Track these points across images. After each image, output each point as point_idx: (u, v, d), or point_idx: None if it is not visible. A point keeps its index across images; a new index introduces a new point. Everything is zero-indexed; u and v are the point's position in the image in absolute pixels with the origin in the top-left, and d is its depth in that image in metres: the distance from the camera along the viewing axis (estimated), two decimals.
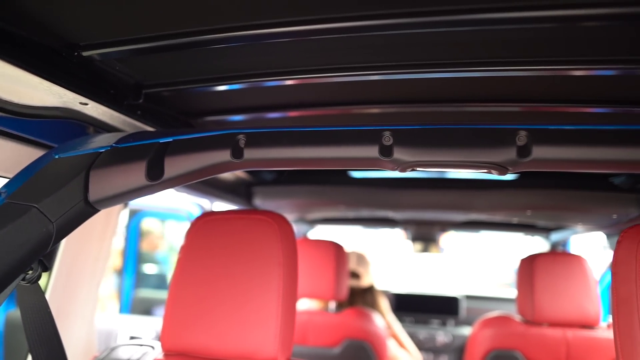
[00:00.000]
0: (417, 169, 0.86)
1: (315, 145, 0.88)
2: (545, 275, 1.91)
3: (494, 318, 2.08)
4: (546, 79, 1.01)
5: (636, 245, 0.89)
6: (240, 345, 1.03)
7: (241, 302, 1.04)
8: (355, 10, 0.77)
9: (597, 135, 0.81)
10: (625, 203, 1.71)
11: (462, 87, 1.09)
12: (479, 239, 4.45)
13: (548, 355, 1.91)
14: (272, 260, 1.06)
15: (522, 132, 0.81)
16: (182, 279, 1.10)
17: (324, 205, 2.28)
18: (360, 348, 2.08)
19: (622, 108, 1.12)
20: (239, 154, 0.91)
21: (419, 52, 0.93)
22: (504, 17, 0.75)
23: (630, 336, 0.86)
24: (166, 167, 0.92)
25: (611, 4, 0.71)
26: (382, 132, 0.85)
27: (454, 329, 3.43)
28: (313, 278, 2.15)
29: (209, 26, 0.84)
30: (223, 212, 1.15)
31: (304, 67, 1.02)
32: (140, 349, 1.12)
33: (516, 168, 0.83)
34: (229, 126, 1.30)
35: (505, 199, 1.85)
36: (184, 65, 1.05)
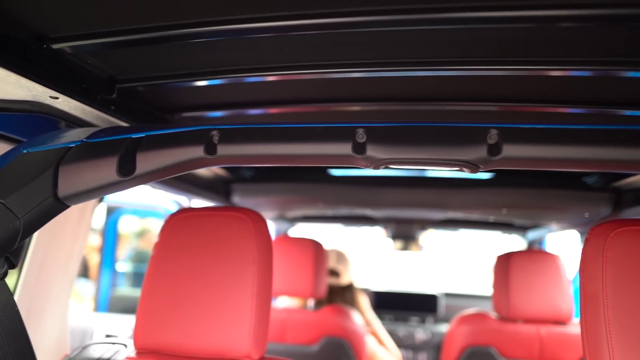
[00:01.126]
0: (390, 166, 0.87)
1: (289, 141, 0.88)
2: (520, 273, 1.95)
3: (470, 315, 2.11)
4: (522, 79, 1.03)
5: (603, 242, 0.91)
6: (214, 343, 1.02)
7: (215, 299, 1.04)
8: (333, 7, 0.77)
9: (566, 135, 0.83)
10: (597, 202, 1.75)
11: (439, 86, 1.10)
12: (458, 237, 4.50)
13: (522, 351, 1.94)
14: (246, 257, 1.05)
15: (493, 131, 0.83)
16: (155, 277, 1.09)
17: (303, 203, 2.28)
18: (339, 345, 2.09)
19: (596, 109, 1.14)
20: (212, 150, 0.90)
21: (396, 50, 0.93)
22: (480, 17, 0.76)
23: (596, 331, 0.88)
24: (138, 162, 0.91)
25: (588, 6, 0.72)
26: (355, 130, 0.86)
27: (432, 326, 3.47)
28: (291, 276, 2.15)
29: (187, 20, 0.83)
30: (197, 209, 1.14)
31: (283, 64, 1.02)
32: (113, 347, 1.11)
33: (487, 166, 0.85)
34: (206, 122, 1.29)
35: (481, 197, 1.88)
36: (160, 60, 1.04)
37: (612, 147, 0.81)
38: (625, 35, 0.82)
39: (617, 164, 0.82)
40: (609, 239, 0.90)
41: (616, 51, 0.88)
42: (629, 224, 0.92)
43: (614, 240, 0.90)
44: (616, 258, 0.89)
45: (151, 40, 0.88)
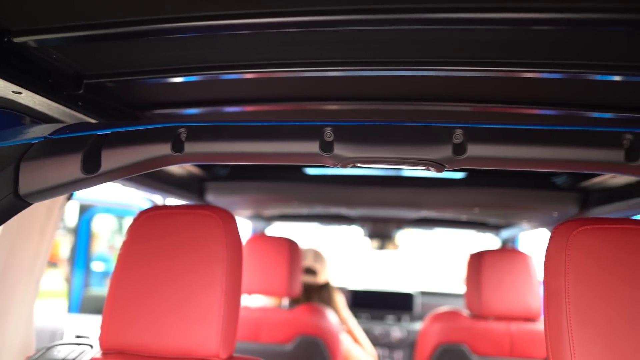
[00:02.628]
0: (358, 165, 0.87)
1: (257, 140, 0.88)
2: (491, 271, 1.98)
3: (443, 313, 2.14)
4: (493, 80, 1.04)
5: (566, 241, 0.93)
6: (181, 342, 1.01)
7: (183, 299, 1.03)
8: (308, 5, 0.77)
9: (530, 135, 0.84)
10: (565, 201, 1.79)
11: (412, 86, 1.11)
12: (436, 236, 4.55)
13: (493, 348, 1.98)
14: (215, 255, 1.04)
15: (459, 130, 0.84)
16: (122, 276, 1.07)
17: (278, 202, 2.28)
18: (313, 344, 2.09)
19: (566, 110, 1.16)
20: (179, 147, 0.90)
21: (369, 50, 0.94)
22: (451, 18, 0.77)
23: (558, 328, 0.90)
24: (103, 160, 0.90)
25: (559, 10, 0.73)
26: (323, 128, 0.86)
27: (408, 324, 3.50)
28: (266, 274, 2.14)
29: (157, 15, 0.82)
30: (167, 207, 1.12)
31: (259, 61, 1.01)
32: (78, 348, 1.09)
33: (452, 165, 0.86)
34: (178, 120, 1.27)
35: (454, 196, 1.91)
36: (131, 56, 1.02)
37: (574, 147, 0.83)
38: (594, 39, 0.84)
39: (579, 164, 0.84)
40: (571, 238, 0.92)
41: (585, 55, 0.90)
42: (591, 222, 0.94)
43: (576, 238, 0.92)
44: (578, 256, 0.91)
45: (121, 35, 0.87)
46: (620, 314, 0.87)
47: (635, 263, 0.89)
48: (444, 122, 0.85)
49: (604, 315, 0.87)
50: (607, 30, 0.79)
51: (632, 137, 0.81)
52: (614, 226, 0.93)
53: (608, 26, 0.76)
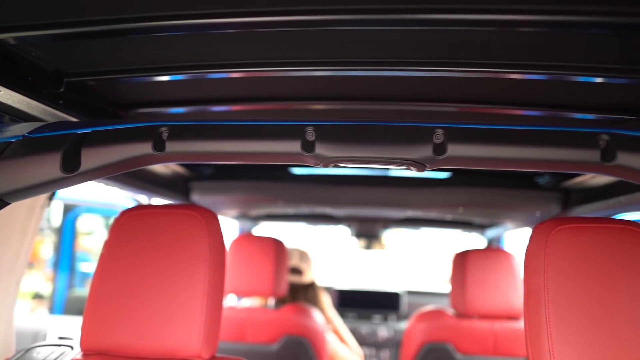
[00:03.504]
0: (339, 164, 0.88)
1: (238, 139, 0.88)
2: (475, 271, 2.00)
3: (428, 312, 2.15)
4: (476, 81, 1.05)
5: (545, 239, 0.94)
6: (163, 343, 1.01)
7: (165, 299, 1.02)
8: (292, 5, 0.77)
9: (509, 135, 0.85)
10: (548, 201, 1.82)
11: (396, 86, 1.12)
12: (422, 236, 4.57)
13: (477, 346, 1.99)
14: (198, 255, 1.04)
15: (439, 130, 0.84)
16: (104, 276, 1.06)
17: (263, 201, 2.27)
18: (299, 344, 2.09)
19: (550, 111, 1.18)
20: (161, 146, 0.89)
21: (357, 49, 0.94)
22: (436, 19, 0.77)
23: (537, 325, 0.91)
24: (83, 159, 0.89)
25: (545, 12, 0.74)
26: (305, 128, 0.86)
27: (395, 323, 3.52)
28: (252, 274, 2.13)
29: (142, 13, 0.81)
30: (149, 207, 1.12)
31: (243, 61, 1.01)
32: (58, 349, 1.07)
33: (433, 165, 0.86)
34: (161, 119, 1.26)
35: (439, 196, 1.92)
36: (114, 54, 1.01)
37: (551, 147, 0.84)
38: (577, 41, 0.85)
39: (556, 164, 0.86)
40: (550, 236, 0.94)
41: (568, 56, 0.91)
42: (570, 221, 0.96)
43: (555, 237, 0.94)
44: (557, 255, 0.92)
45: (104, 33, 0.86)
46: (597, 311, 0.88)
47: (613, 261, 0.91)
48: (425, 122, 0.85)
49: (582, 313, 0.89)
50: (589, 33, 0.80)
51: (608, 138, 0.82)
52: (592, 225, 0.94)
53: (589, 29, 0.77)
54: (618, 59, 0.90)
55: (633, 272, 0.90)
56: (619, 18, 0.72)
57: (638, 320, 0.87)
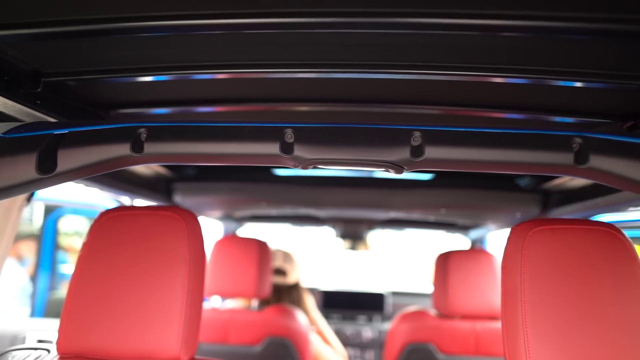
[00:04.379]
0: (318, 166, 0.88)
1: (217, 140, 0.88)
2: (457, 272, 2.02)
3: (411, 313, 2.17)
4: (458, 84, 1.06)
5: (522, 240, 0.95)
6: (141, 345, 1.00)
7: (144, 300, 1.01)
8: (273, 7, 0.77)
9: (485, 138, 0.87)
10: (527, 203, 1.85)
11: (378, 88, 1.12)
12: (407, 237, 4.60)
13: (459, 347, 2.01)
14: (177, 257, 1.03)
15: (417, 133, 0.85)
16: (82, 278, 1.05)
17: (247, 203, 2.27)
18: (282, 345, 2.09)
19: (531, 115, 1.19)
20: (139, 147, 0.89)
21: (337, 52, 0.94)
22: (418, 23, 0.77)
23: (514, 325, 0.93)
24: (60, 160, 0.88)
25: (526, 17, 0.75)
26: (284, 130, 0.86)
27: (380, 324, 3.53)
28: (235, 276, 2.13)
29: (123, 14, 0.80)
30: (128, 208, 1.11)
31: (226, 62, 1.01)
32: (35, 352, 1.06)
33: (411, 167, 0.87)
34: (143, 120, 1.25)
35: (421, 197, 1.94)
36: (95, 54, 1.00)
37: (526, 150, 0.86)
38: (558, 46, 0.86)
39: (531, 166, 0.87)
40: (527, 238, 0.95)
41: (549, 61, 0.92)
42: (547, 223, 0.97)
43: (532, 238, 0.95)
44: (533, 255, 0.94)
45: (84, 33, 0.85)
46: (572, 311, 0.90)
47: (588, 262, 0.92)
48: (403, 125, 0.86)
49: (558, 313, 0.90)
50: (569, 39, 0.82)
51: (581, 141, 0.84)
52: (568, 227, 0.96)
53: (569, 34, 0.78)
54: (596, 64, 0.91)
55: (607, 272, 0.91)
56: (597, 24, 0.73)
57: (611, 320, 0.89)
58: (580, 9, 0.72)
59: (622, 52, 0.85)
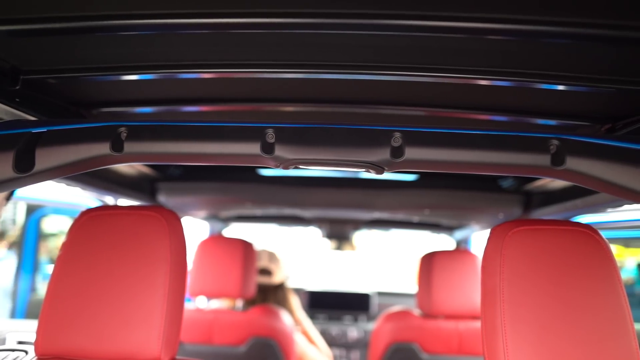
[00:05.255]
0: (299, 166, 0.88)
1: (197, 140, 0.87)
2: (441, 272, 2.03)
3: (395, 313, 2.18)
4: (442, 86, 1.06)
5: (502, 241, 0.97)
6: (121, 346, 0.99)
7: (124, 301, 1.01)
8: (252, 7, 0.77)
9: (465, 139, 0.87)
10: (510, 203, 1.87)
11: (360, 89, 1.13)
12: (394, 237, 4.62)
13: (442, 346, 2.03)
14: (158, 257, 1.03)
15: (397, 134, 0.86)
16: (61, 278, 1.04)
17: (231, 203, 2.26)
18: (267, 345, 2.09)
19: (514, 117, 1.21)
20: (119, 147, 0.88)
21: (321, 52, 0.94)
22: (400, 25, 0.77)
23: (492, 324, 0.94)
24: (37, 158, 0.87)
25: (510, 21, 0.75)
26: (265, 130, 0.86)
27: (365, 324, 3.54)
28: (220, 276, 2.12)
29: (104, 12, 0.79)
30: (109, 207, 1.10)
31: (210, 62, 1.00)
32: (12, 354, 1.04)
33: (391, 167, 0.88)
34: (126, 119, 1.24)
35: (405, 198, 1.95)
36: (76, 52, 0.99)
37: (505, 152, 0.87)
38: (542, 50, 0.87)
39: (509, 167, 0.88)
40: (506, 238, 0.96)
41: (533, 64, 0.93)
42: (526, 224, 0.99)
43: (511, 239, 0.96)
44: (512, 256, 0.95)
45: (64, 30, 0.84)
46: (550, 310, 0.91)
47: (565, 262, 0.94)
48: (384, 126, 0.87)
49: (535, 312, 0.91)
50: (553, 42, 0.83)
51: (558, 143, 0.85)
52: (547, 227, 0.97)
53: (553, 38, 0.79)
54: (578, 67, 0.93)
55: (584, 272, 0.93)
56: (579, 29, 0.74)
57: (588, 319, 0.90)
58: (563, 14, 0.73)
59: (603, 56, 0.87)
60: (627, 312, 0.90)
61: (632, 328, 0.90)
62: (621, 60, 0.86)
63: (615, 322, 0.89)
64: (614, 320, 0.90)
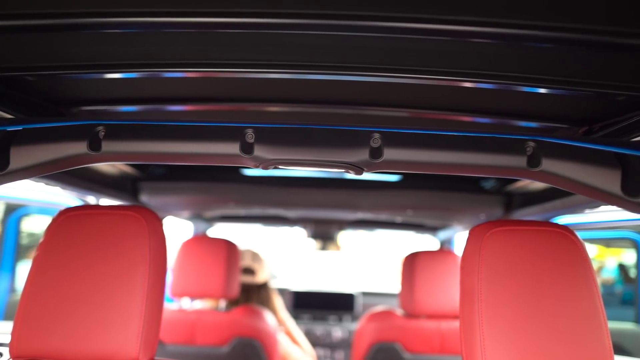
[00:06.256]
0: (278, 167, 0.88)
1: (176, 140, 0.87)
2: (423, 272, 2.05)
3: (378, 313, 2.19)
4: (423, 87, 1.07)
5: (480, 241, 0.98)
6: (99, 347, 0.98)
7: (102, 301, 0.99)
8: (235, 7, 0.77)
9: (443, 141, 0.88)
10: (492, 204, 1.89)
11: (340, 90, 1.13)
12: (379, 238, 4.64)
13: (424, 346, 2.04)
14: (138, 257, 1.02)
15: (376, 135, 0.86)
16: (38, 278, 1.02)
17: (215, 203, 2.25)
18: (250, 346, 2.08)
19: (495, 119, 1.22)
20: (97, 146, 0.87)
21: (302, 53, 0.93)
22: (382, 26, 0.78)
23: (470, 324, 0.95)
24: (12, 157, 0.86)
25: (495, 24, 0.76)
26: (244, 130, 0.86)
27: (350, 324, 3.55)
28: (203, 276, 2.11)
29: (86, 9, 0.78)
30: (88, 207, 1.09)
31: (191, 61, 0.99)
32: None
33: (370, 168, 0.88)
34: (106, 117, 1.23)
35: (388, 198, 1.96)
36: (55, 49, 0.97)
37: (482, 153, 0.88)
38: (525, 53, 0.88)
39: (487, 169, 0.89)
40: (485, 238, 0.98)
41: (516, 67, 0.94)
42: (504, 224, 1.00)
43: (489, 239, 0.97)
44: (490, 256, 0.96)
45: (42, 27, 0.83)
46: (526, 310, 0.92)
47: (542, 262, 0.95)
48: (363, 126, 0.87)
49: (512, 312, 0.93)
50: (534, 46, 0.84)
51: (534, 145, 0.87)
52: (525, 228, 0.99)
53: (535, 42, 0.80)
54: (558, 71, 0.94)
55: (559, 272, 0.95)
56: (561, 33, 0.76)
57: (563, 318, 0.92)
58: (546, 18, 0.74)
59: (583, 60, 0.88)
60: (600, 311, 0.92)
61: (606, 326, 0.91)
62: (600, 64, 0.88)
63: (590, 321, 0.91)
64: (588, 319, 0.91)
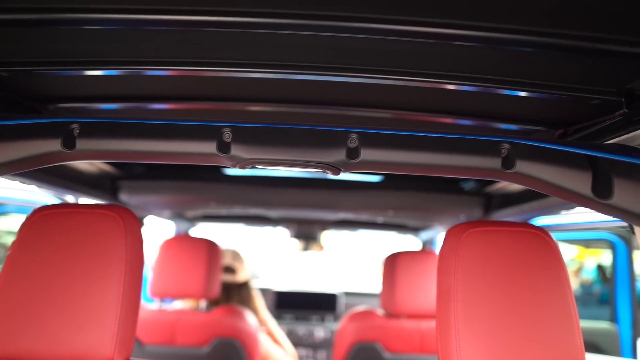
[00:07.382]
0: (255, 166, 0.88)
1: (152, 138, 0.86)
2: (404, 272, 2.06)
3: (359, 313, 2.20)
4: (404, 89, 1.07)
5: (457, 242, 0.99)
6: (73, 347, 0.97)
7: (76, 301, 0.98)
8: (215, 6, 0.76)
9: (420, 142, 0.89)
10: (471, 205, 1.91)
11: (318, 90, 1.13)
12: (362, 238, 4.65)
13: (404, 345, 2.06)
14: (113, 256, 1.01)
15: (354, 135, 0.87)
16: (11, 278, 1.01)
17: (196, 202, 2.24)
18: (230, 346, 2.07)
19: (476, 121, 1.23)
20: (71, 143, 0.86)
21: (278, 52, 0.93)
22: (363, 27, 0.78)
23: (446, 324, 0.96)
24: None
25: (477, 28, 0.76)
26: (222, 129, 0.86)
27: (332, 324, 3.56)
28: (183, 276, 2.09)
29: (65, 4, 0.77)
30: (63, 206, 1.07)
31: (171, 59, 0.98)
32: None
33: (347, 168, 0.89)
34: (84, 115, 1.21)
35: (369, 199, 1.97)
36: (30, 44, 0.95)
37: (458, 154, 0.89)
38: (506, 56, 0.89)
39: (462, 170, 0.90)
40: (461, 239, 0.99)
41: (497, 70, 0.95)
42: (480, 225, 1.01)
43: (466, 240, 0.98)
44: (466, 256, 0.97)
45: (18, 22, 0.81)
46: (501, 310, 0.94)
47: (517, 263, 0.97)
48: (340, 127, 0.87)
49: (488, 312, 0.94)
50: (515, 50, 0.85)
51: (509, 147, 0.88)
52: (501, 229, 1.00)
53: (516, 46, 0.81)
54: (537, 75, 0.95)
55: (534, 272, 0.96)
56: (541, 38, 0.77)
57: (537, 318, 0.93)
58: (527, 23, 0.75)
59: (560, 64, 0.89)
60: (573, 310, 0.93)
61: (578, 325, 0.93)
62: (577, 69, 0.89)
63: (562, 320, 0.93)
64: (561, 318, 0.93)
